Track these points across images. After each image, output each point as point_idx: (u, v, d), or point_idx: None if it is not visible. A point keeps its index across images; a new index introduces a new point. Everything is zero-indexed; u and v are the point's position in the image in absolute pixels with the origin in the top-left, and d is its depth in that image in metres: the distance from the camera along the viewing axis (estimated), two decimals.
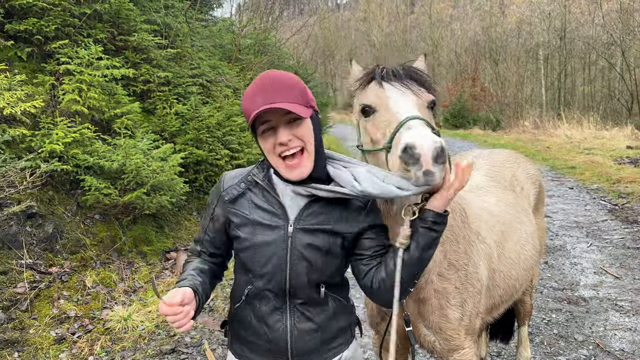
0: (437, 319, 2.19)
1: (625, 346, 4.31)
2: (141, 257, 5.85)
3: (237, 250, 1.83)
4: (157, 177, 5.71)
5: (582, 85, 35.58)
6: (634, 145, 17.24)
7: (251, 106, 1.66)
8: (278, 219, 1.76)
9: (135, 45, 7.44)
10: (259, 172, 1.83)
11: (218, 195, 1.86)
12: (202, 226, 1.93)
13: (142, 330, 4.64)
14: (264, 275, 1.77)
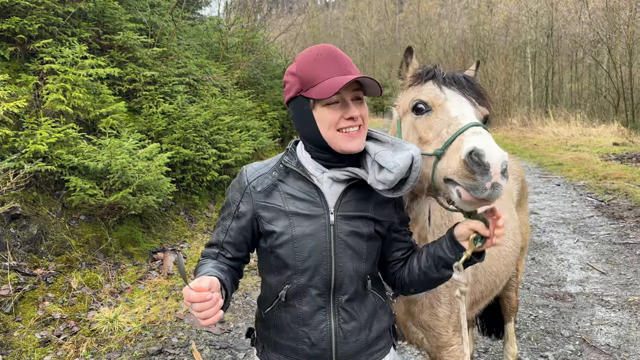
0: (427, 317, 2.21)
1: (611, 341, 4.35)
2: (127, 258, 5.80)
3: (272, 246, 1.66)
4: (143, 177, 5.66)
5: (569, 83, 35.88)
6: (620, 142, 17.42)
7: (320, 73, 1.58)
8: (317, 207, 1.65)
9: (120, 44, 7.37)
10: (290, 159, 1.71)
11: (242, 190, 1.70)
12: (222, 227, 1.75)
13: (128, 332, 4.60)
14: (307, 270, 1.64)
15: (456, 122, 1.66)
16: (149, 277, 5.60)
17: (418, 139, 1.77)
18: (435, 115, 1.75)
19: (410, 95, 1.88)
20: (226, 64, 10.24)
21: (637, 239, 6.91)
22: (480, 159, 1.45)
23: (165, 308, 5.02)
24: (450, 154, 1.59)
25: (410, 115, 1.84)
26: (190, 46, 9.29)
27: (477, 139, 1.52)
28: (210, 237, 1.83)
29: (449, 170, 1.57)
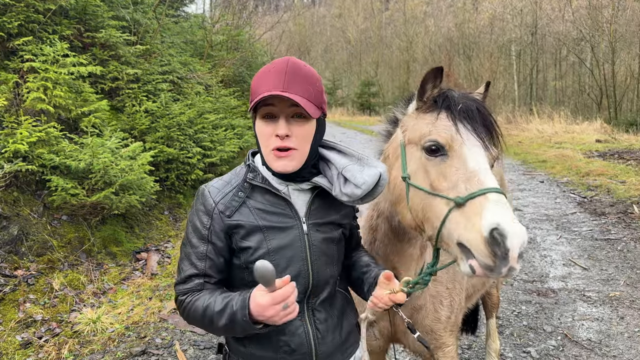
0: (430, 322, 2.23)
1: (592, 336, 4.40)
2: (111, 258, 5.74)
3: (247, 262, 1.62)
4: (126, 176, 5.61)
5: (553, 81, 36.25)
6: (603, 139, 17.64)
7: (261, 86, 1.57)
8: (289, 218, 1.66)
9: (102, 42, 7.29)
10: (255, 176, 1.67)
11: (210, 213, 1.63)
12: (196, 255, 1.64)
13: (111, 333, 4.56)
14: None
15: (477, 180, 1.53)
16: (132, 278, 5.55)
17: (429, 184, 1.64)
18: (450, 163, 1.62)
19: (422, 127, 1.73)
20: (211, 62, 10.18)
21: (618, 234, 7.00)
22: (503, 240, 1.35)
23: (148, 308, 4.98)
24: (470, 214, 1.45)
25: (421, 152, 1.70)
26: (174, 44, 9.22)
27: (501, 212, 1.40)
28: (180, 273, 1.67)
29: (466, 238, 1.44)
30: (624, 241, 6.72)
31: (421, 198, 1.64)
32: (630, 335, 4.38)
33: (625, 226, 7.33)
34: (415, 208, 1.67)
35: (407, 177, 1.71)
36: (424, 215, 1.63)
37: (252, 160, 1.73)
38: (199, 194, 1.68)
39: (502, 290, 5.38)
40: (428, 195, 1.61)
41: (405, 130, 1.82)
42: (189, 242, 1.66)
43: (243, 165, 1.75)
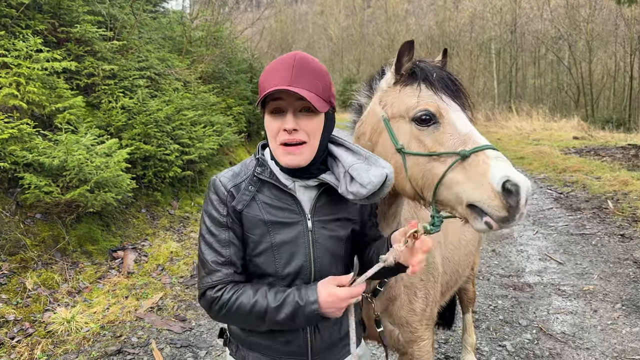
0: (405, 313, 2.23)
1: (566, 329, 4.47)
2: (86, 257, 5.65)
3: (251, 255, 1.66)
4: (101, 174, 5.52)
5: (532, 79, 36.77)
6: (580, 135, 17.94)
7: (269, 81, 1.56)
8: (294, 214, 1.66)
9: (78, 37, 7.16)
10: (263, 170, 1.67)
11: (225, 201, 1.65)
12: (220, 242, 1.65)
13: (86, 332, 4.49)
14: (288, 276, 1.66)
15: (472, 141, 1.61)
16: (108, 276, 5.48)
17: (427, 152, 1.68)
18: (443, 130, 1.68)
19: (406, 99, 1.77)
20: (189, 58, 10.08)
21: (593, 229, 7.12)
22: (516, 190, 1.43)
23: (125, 307, 4.92)
24: (475, 175, 1.52)
25: (411, 124, 1.74)
26: (152, 39, 9.11)
27: (505, 166, 1.50)
28: (204, 266, 1.66)
29: (478, 197, 1.50)
30: (598, 236, 6.84)
31: (422, 164, 1.68)
32: (603, 328, 4.46)
33: (600, 221, 7.46)
34: (415, 177, 1.71)
35: (402, 148, 1.74)
36: (425, 181, 1.68)
37: (261, 154, 1.73)
38: (211, 185, 1.70)
39: (479, 285, 5.44)
40: (430, 160, 1.65)
41: (386, 105, 1.84)
42: (209, 232, 1.66)
43: (252, 157, 1.75)
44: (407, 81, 1.81)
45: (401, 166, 1.75)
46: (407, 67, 1.81)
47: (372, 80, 2.02)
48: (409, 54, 1.79)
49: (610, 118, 25.03)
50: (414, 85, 1.79)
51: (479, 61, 35.23)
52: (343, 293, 1.54)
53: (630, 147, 14.39)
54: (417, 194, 1.75)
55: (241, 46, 13.65)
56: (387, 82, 1.90)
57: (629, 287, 5.25)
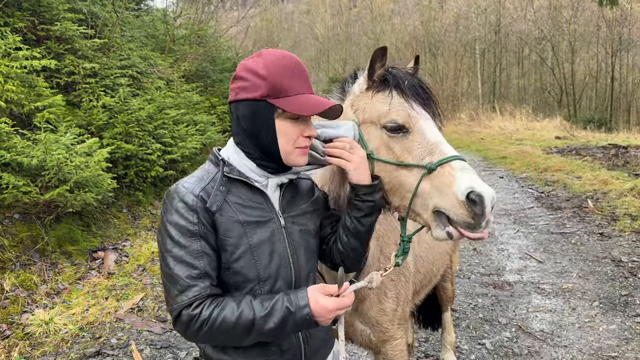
0: (375, 313, 2.23)
1: (545, 327, 4.53)
2: (66, 258, 5.59)
3: (229, 262, 1.57)
4: (81, 173, 5.46)
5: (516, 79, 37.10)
6: (562, 135, 18.15)
7: (296, 86, 1.58)
8: (266, 212, 1.63)
9: (58, 35, 7.08)
10: (231, 169, 1.62)
11: (194, 208, 1.52)
12: (192, 253, 1.51)
13: (64, 334, 4.44)
14: (269, 277, 1.60)
15: (439, 151, 1.68)
16: (88, 277, 5.42)
17: (395, 159, 1.74)
18: (412, 138, 1.73)
19: (378, 106, 1.80)
20: (173, 57, 10.00)
21: (572, 228, 7.22)
22: (480, 199, 1.53)
23: (104, 308, 4.87)
24: (441, 185, 1.61)
25: (381, 131, 1.78)
26: (134, 38, 9.03)
27: (470, 177, 1.59)
28: (175, 284, 1.50)
29: (443, 205, 1.60)
30: (577, 234, 6.93)
31: (389, 172, 1.74)
32: (580, 325, 4.52)
33: (580, 220, 7.56)
34: (382, 182, 1.75)
35: (371, 154, 1.77)
36: (391, 187, 1.74)
37: (220, 157, 1.67)
38: (172, 194, 1.56)
39: (460, 284, 5.48)
40: (397, 168, 1.71)
41: (357, 110, 1.87)
42: (177, 244, 1.51)
43: (209, 163, 1.69)
44: (380, 87, 1.83)
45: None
46: (379, 73, 1.83)
47: (344, 83, 2.03)
48: (382, 60, 1.81)
49: (592, 118, 25.38)
50: (385, 92, 1.81)
51: (464, 61, 35.45)
52: (332, 304, 1.51)
53: (610, 146, 14.60)
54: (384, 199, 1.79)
55: (225, 44, 13.59)
56: (360, 87, 1.91)
57: (606, 285, 5.33)
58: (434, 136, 1.73)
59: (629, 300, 4.94)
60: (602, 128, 23.06)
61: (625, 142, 15.65)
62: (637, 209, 7.65)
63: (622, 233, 6.80)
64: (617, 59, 30.17)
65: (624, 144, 15.00)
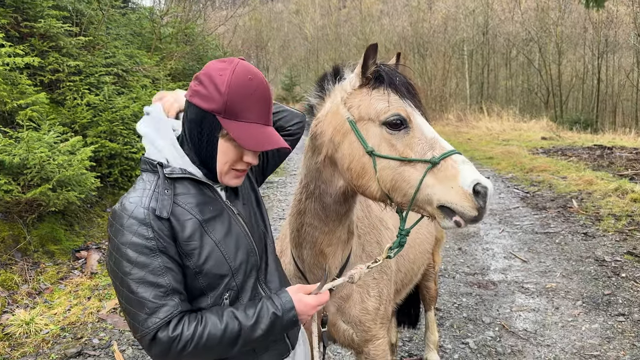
0: (358, 312, 2.23)
1: (528, 326, 4.55)
2: (48, 257, 5.52)
3: (198, 265, 1.49)
4: (64, 172, 5.40)
5: (504, 80, 37.32)
6: (548, 136, 18.30)
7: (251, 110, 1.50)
8: (218, 204, 1.60)
9: (42, 32, 7.01)
10: (172, 170, 1.52)
11: (146, 221, 1.42)
12: (154, 272, 1.41)
13: (45, 334, 4.38)
14: (240, 266, 1.58)
15: (439, 146, 1.70)
16: (70, 277, 5.36)
17: (399, 156, 1.73)
18: (413, 134, 1.74)
19: (375, 103, 1.78)
20: (159, 55, 9.93)
21: (557, 228, 7.27)
22: (485, 191, 1.58)
23: (86, 308, 4.82)
24: (445, 179, 1.63)
25: (381, 128, 1.76)
26: (120, 36, 8.95)
27: (472, 170, 1.63)
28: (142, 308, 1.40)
29: (449, 199, 1.61)
30: (562, 234, 6.98)
31: (392, 168, 1.72)
32: (563, 325, 4.55)
33: (564, 220, 7.62)
34: (384, 179, 1.73)
35: (372, 151, 1.76)
36: (394, 184, 1.72)
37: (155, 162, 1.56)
38: (118, 213, 1.45)
39: (445, 283, 5.50)
40: (400, 164, 1.70)
41: (352, 107, 1.84)
42: (136, 265, 1.40)
43: (145, 173, 1.57)
44: (374, 84, 1.83)
45: (370, 168, 1.76)
46: (372, 70, 1.83)
47: (323, 80, 2.01)
48: (374, 57, 1.81)
49: (578, 119, 25.64)
50: (380, 89, 1.81)
51: (452, 62, 35.58)
52: (312, 300, 1.57)
53: (596, 147, 14.75)
54: (385, 195, 1.77)
55: (213, 43, 13.52)
56: (352, 84, 1.89)
57: (589, 284, 5.37)
58: (431, 132, 1.76)
59: (611, 300, 4.98)
60: (588, 129, 23.30)
61: (611, 143, 15.81)
62: (621, 209, 7.73)
63: (605, 233, 6.86)
64: (603, 61, 30.48)
65: (609, 144, 15.16)
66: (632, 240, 6.51)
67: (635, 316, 4.63)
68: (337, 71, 2.00)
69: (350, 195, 1.97)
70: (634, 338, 4.27)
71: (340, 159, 1.85)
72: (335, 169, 1.92)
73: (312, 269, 2.13)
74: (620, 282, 5.38)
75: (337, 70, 2.00)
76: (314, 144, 1.96)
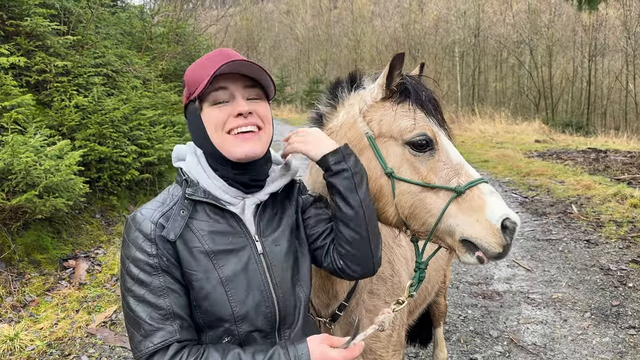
0: (368, 340, 2.03)
1: (537, 340, 4.38)
2: (34, 267, 5.26)
3: (198, 299, 1.36)
4: (51, 178, 5.14)
5: (494, 82, 37.44)
6: (541, 139, 18.26)
7: (203, 71, 1.37)
8: (239, 237, 1.41)
9: (28, 31, 6.73)
10: (195, 190, 1.40)
11: (152, 237, 1.33)
12: (154, 291, 1.31)
13: (31, 351, 4.13)
14: (247, 315, 1.38)
15: (465, 173, 1.56)
16: (57, 288, 5.11)
17: (421, 180, 1.57)
18: (438, 158, 1.59)
19: (400, 120, 1.62)
20: (150, 55, 9.67)
21: (559, 235, 7.13)
22: (514, 227, 1.46)
23: (75, 322, 4.58)
24: (471, 211, 1.49)
25: (403, 148, 1.60)
26: (109, 35, 8.69)
27: (501, 202, 1.49)
28: (137, 328, 1.31)
29: (474, 234, 1.47)
30: (564, 241, 6.84)
31: (414, 193, 1.57)
32: (573, 338, 4.39)
33: (565, 226, 7.49)
34: (403, 205, 1.58)
35: (392, 172, 1.60)
36: (413, 210, 1.58)
37: (184, 175, 1.45)
38: (130, 222, 1.38)
39: (449, 294, 5.32)
40: (422, 190, 1.56)
41: (372, 122, 1.66)
42: (137, 282, 1.32)
43: (175, 184, 1.48)
44: (399, 99, 1.65)
45: (388, 191, 1.60)
46: (397, 82, 1.65)
47: (336, 87, 1.82)
48: (400, 67, 1.63)
49: (569, 121, 25.69)
50: (405, 104, 1.64)
51: (443, 64, 35.61)
52: (338, 355, 1.30)
53: (590, 150, 14.70)
54: (401, 221, 1.61)
55: (205, 43, 13.26)
56: (373, 95, 1.71)
57: (596, 294, 5.22)
58: (457, 156, 1.62)
59: (620, 311, 4.83)
60: (580, 132, 23.33)
61: (604, 146, 15.78)
62: (622, 215, 7.61)
63: (608, 240, 6.73)
64: (594, 64, 30.63)
65: (602, 148, 15.12)
66: (636, 247, 6.38)
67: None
68: (353, 79, 1.81)
69: None
70: None
71: None
72: None
73: (318, 293, 1.96)
74: (628, 292, 5.23)
75: (354, 77, 1.82)
76: None
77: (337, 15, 60.58)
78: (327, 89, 1.88)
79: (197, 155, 1.46)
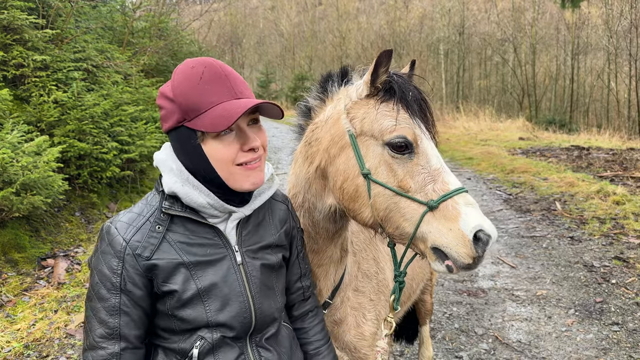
0: (353, 337, 2.02)
1: (522, 337, 4.38)
2: (11, 266, 5.13)
3: (174, 309, 1.36)
4: (29, 175, 5.01)
5: (478, 80, 37.69)
6: (525, 136, 18.40)
7: (203, 98, 1.29)
8: (219, 248, 1.41)
9: (5, 24, 6.55)
10: (172, 203, 1.38)
11: (121, 253, 1.33)
12: (108, 309, 1.33)
13: (7, 353, 4.02)
14: (225, 324, 1.39)
15: (442, 180, 1.50)
16: (35, 288, 4.98)
17: (397, 184, 1.53)
18: (417, 161, 1.54)
19: (382, 119, 1.57)
20: (131, 50, 9.50)
21: (543, 232, 7.16)
22: (487, 239, 1.41)
23: (53, 323, 4.46)
24: (445, 220, 1.44)
25: (383, 148, 1.56)
26: (90, 29, 8.50)
27: (477, 213, 1.44)
28: (87, 337, 1.36)
29: (444, 243, 1.44)
30: (548, 238, 6.87)
31: (387, 197, 1.54)
32: (557, 335, 4.40)
33: (549, 223, 7.52)
34: (378, 207, 1.55)
35: (368, 174, 1.56)
36: (387, 214, 1.55)
37: (161, 188, 1.41)
38: (104, 233, 1.37)
39: (434, 291, 5.29)
40: (396, 195, 1.52)
41: (354, 119, 1.62)
42: (96, 295, 1.35)
43: (154, 192, 1.44)
44: (383, 97, 1.60)
45: (364, 192, 1.57)
46: (382, 79, 1.60)
47: (326, 81, 1.78)
48: (387, 64, 1.57)
49: (552, 119, 25.94)
50: (390, 103, 1.59)
51: (428, 62, 35.74)
52: None
53: (573, 148, 14.83)
54: (377, 223, 1.58)
55: (188, 38, 13.10)
56: (358, 92, 1.66)
57: (580, 291, 5.24)
58: (437, 161, 1.56)
59: (603, 308, 4.85)
60: (563, 129, 23.57)
61: (587, 143, 15.93)
62: (605, 212, 7.67)
63: (591, 237, 6.77)
64: (576, 62, 30.97)
65: (585, 145, 15.26)
66: (619, 244, 6.43)
67: (629, 325, 4.51)
68: (344, 73, 1.77)
69: (342, 215, 1.76)
70: (631, 349, 4.14)
71: (332, 175, 1.64)
72: (326, 183, 1.71)
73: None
74: (611, 288, 5.26)
75: (345, 72, 1.77)
76: (308, 151, 1.74)
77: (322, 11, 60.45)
78: (318, 82, 1.85)
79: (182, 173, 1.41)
